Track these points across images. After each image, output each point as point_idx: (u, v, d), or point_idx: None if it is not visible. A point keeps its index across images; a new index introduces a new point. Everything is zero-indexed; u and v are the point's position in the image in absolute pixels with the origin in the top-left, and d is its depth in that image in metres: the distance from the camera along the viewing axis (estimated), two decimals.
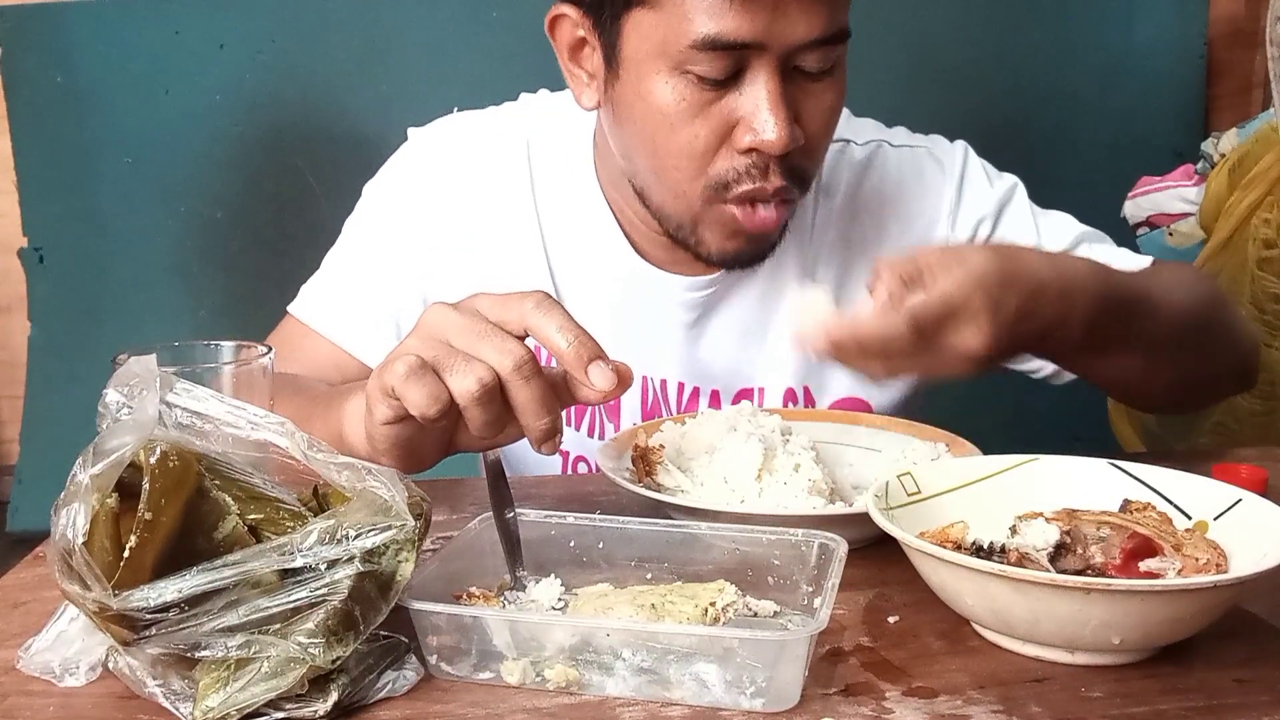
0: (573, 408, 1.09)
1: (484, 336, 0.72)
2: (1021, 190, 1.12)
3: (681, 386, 1.09)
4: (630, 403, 1.08)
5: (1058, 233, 1.09)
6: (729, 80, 0.89)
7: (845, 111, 1.13)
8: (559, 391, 0.74)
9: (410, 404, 0.72)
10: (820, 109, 0.93)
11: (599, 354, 0.72)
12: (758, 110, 0.88)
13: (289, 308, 1.12)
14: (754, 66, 0.88)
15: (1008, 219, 1.10)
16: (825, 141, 0.96)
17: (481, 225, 1.09)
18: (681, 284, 1.06)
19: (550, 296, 0.73)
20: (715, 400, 1.09)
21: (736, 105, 0.89)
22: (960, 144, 1.14)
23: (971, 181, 1.11)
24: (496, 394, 0.72)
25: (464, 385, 0.71)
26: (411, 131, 1.14)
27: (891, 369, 0.78)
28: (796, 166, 0.93)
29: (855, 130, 1.13)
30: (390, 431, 0.75)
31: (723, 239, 0.97)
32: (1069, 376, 1.05)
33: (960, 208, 1.10)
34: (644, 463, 0.86)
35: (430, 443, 0.78)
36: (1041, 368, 1.08)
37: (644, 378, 1.08)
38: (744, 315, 1.09)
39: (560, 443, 0.75)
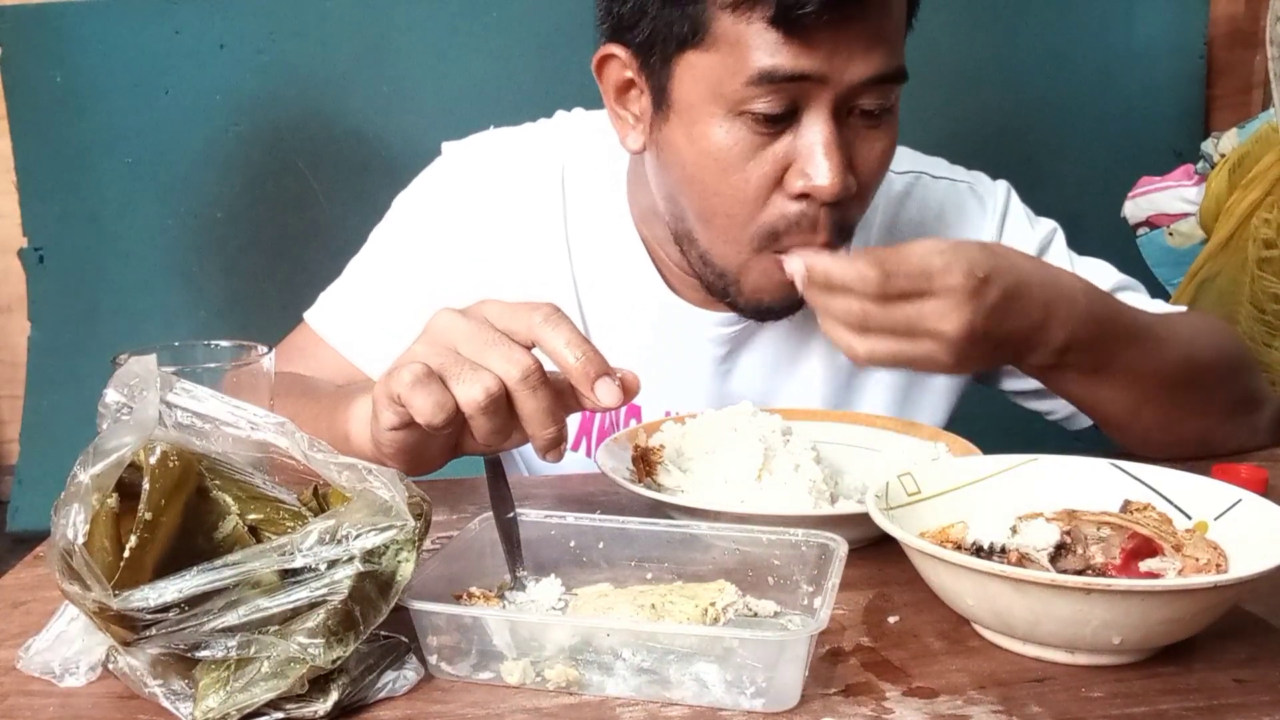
0: (595, 437, 1.08)
1: (491, 345, 0.72)
2: (1060, 235, 1.11)
3: None
4: (659, 414, 1.07)
5: (1094, 279, 1.07)
6: (784, 121, 0.87)
7: None
8: (565, 399, 0.74)
9: (416, 412, 0.71)
10: (873, 154, 0.91)
11: (606, 370, 0.72)
12: (813, 154, 0.87)
13: (305, 315, 1.11)
14: (811, 107, 0.87)
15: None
16: (875, 188, 0.94)
17: (511, 250, 1.07)
18: (714, 320, 1.05)
19: (559, 310, 0.73)
20: None
21: (791, 148, 0.88)
22: (1003, 183, 1.13)
23: (1013, 221, 1.10)
24: (503, 403, 0.72)
25: (470, 394, 0.71)
26: (446, 146, 1.12)
27: (867, 345, 0.79)
28: (844, 217, 0.91)
29: (894, 160, 1.12)
30: (396, 437, 0.75)
31: (761, 289, 0.95)
32: (1084, 422, 1.06)
33: None
34: (644, 463, 0.86)
35: (435, 447, 0.78)
36: (1055, 409, 1.09)
37: (666, 412, 1.08)
38: (774, 349, 1.08)
39: (565, 451, 0.75)
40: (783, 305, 0.97)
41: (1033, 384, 1.04)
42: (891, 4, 0.87)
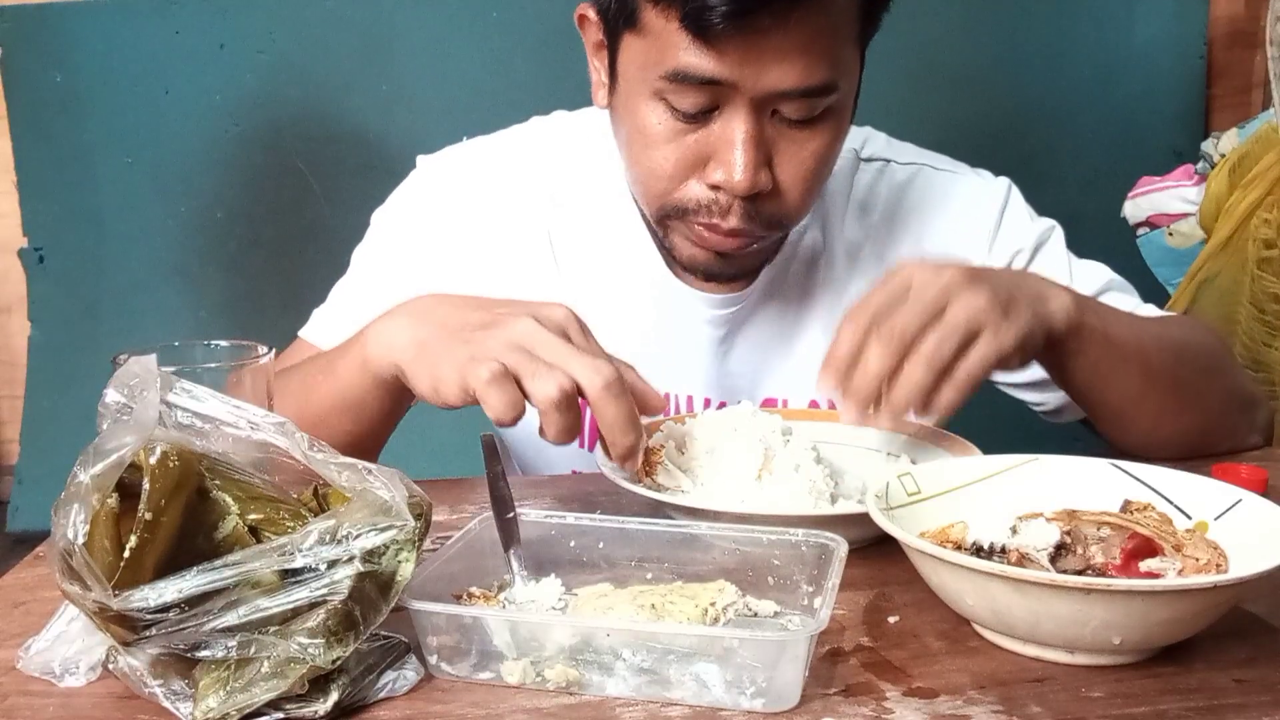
0: (587, 425, 1.09)
1: (574, 355, 0.76)
2: (1059, 233, 1.12)
3: (708, 402, 1.09)
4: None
5: (1089, 278, 1.09)
6: (704, 115, 0.89)
7: (884, 136, 1.15)
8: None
9: (488, 408, 0.76)
10: (799, 157, 0.91)
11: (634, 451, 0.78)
12: (727, 149, 0.89)
13: (300, 332, 1.12)
14: (730, 105, 0.88)
15: (1043, 257, 1.10)
16: (801, 189, 0.93)
17: (494, 253, 1.09)
18: (711, 300, 1.06)
19: (620, 378, 0.77)
20: None
21: (709, 140, 0.90)
22: (1005, 179, 1.14)
23: (1013, 214, 1.11)
24: (575, 401, 0.76)
25: (545, 391, 0.75)
26: (420, 159, 1.13)
27: (928, 355, 0.78)
28: (763, 211, 0.92)
29: (896, 152, 1.14)
30: (450, 394, 0.79)
31: (690, 249, 0.98)
32: (1075, 415, 1.07)
33: (999, 236, 1.10)
34: (644, 463, 0.86)
35: None
36: (1045, 401, 1.10)
37: (665, 394, 1.08)
38: (771, 329, 1.09)
39: (640, 461, 0.80)
40: (719, 270, 1.00)
41: (1026, 375, 1.05)
42: (819, 16, 0.85)
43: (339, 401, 0.90)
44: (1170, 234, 2.08)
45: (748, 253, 0.98)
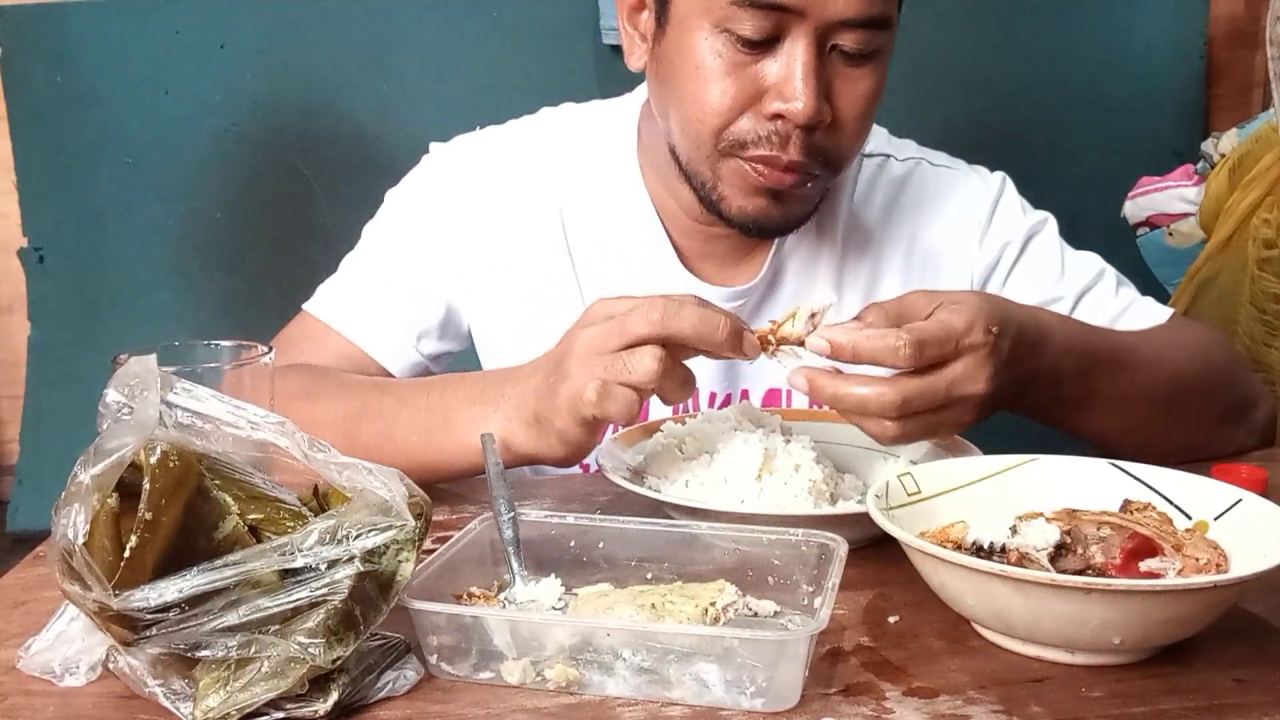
0: None
1: (631, 320, 0.77)
2: (1053, 225, 1.12)
3: (713, 396, 1.09)
4: (662, 413, 1.08)
5: (1081, 269, 1.09)
6: (765, 45, 0.91)
7: (884, 131, 1.16)
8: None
9: (614, 418, 0.78)
10: (854, 93, 0.94)
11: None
12: (788, 78, 0.90)
13: (305, 306, 1.12)
14: (792, 34, 0.90)
15: (1034, 248, 1.11)
16: (856, 127, 0.96)
17: (505, 237, 1.09)
18: (720, 293, 1.06)
19: (669, 299, 0.78)
20: (745, 399, 1.09)
21: (769, 71, 0.92)
22: (1000, 173, 1.15)
23: (1005, 207, 1.12)
24: (669, 359, 0.78)
25: (645, 369, 0.76)
26: (434, 146, 1.15)
27: (904, 428, 0.78)
28: (820, 145, 0.94)
29: (896, 148, 1.15)
30: (580, 437, 0.82)
31: (742, 196, 0.98)
32: None
33: (990, 229, 1.11)
34: (772, 340, 0.82)
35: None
36: None
37: None
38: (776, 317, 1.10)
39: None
40: (771, 219, 0.99)
41: None
42: None
43: (441, 468, 0.91)
44: (1170, 234, 2.08)
45: (799, 195, 0.98)
